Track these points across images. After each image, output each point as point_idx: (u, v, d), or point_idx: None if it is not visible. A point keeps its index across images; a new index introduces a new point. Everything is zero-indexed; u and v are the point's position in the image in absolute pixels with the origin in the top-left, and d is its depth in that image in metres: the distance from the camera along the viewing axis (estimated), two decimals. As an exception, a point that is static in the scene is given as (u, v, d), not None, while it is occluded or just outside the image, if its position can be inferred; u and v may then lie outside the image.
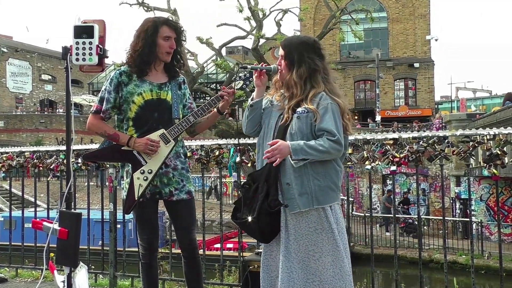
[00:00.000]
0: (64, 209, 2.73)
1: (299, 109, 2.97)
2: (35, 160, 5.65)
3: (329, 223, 2.94)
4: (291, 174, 2.95)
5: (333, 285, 2.92)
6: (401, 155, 4.24)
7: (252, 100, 3.18)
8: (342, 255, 2.94)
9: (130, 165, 3.40)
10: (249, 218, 2.96)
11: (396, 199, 20.14)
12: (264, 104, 3.22)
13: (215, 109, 3.55)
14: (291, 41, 3.14)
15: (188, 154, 4.52)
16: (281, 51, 3.13)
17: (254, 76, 3.18)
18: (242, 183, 3.24)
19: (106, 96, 3.41)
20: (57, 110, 43.56)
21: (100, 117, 3.43)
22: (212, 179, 25.26)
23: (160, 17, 3.49)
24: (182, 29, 3.48)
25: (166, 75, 3.52)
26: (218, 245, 15.95)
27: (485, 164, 4.13)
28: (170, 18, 3.53)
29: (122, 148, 3.39)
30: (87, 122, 3.48)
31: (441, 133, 4.39)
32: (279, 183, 2.99)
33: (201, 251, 3.80)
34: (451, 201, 22.27)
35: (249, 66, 3.27)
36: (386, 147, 4.35)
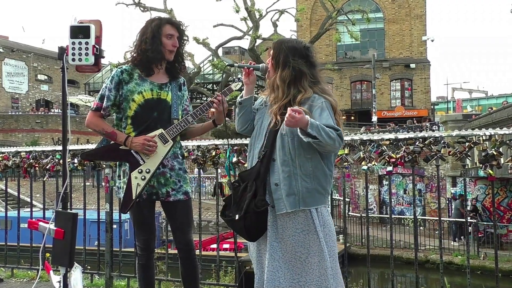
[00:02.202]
0: (60, 209, 2.72)
1: None
2: (31, 160, 5.64)
3: (314, 225, 2.95)
4: (280, 174, 2.96)
5: (318, 286, 2.92)
6: (397, 156, 4.25)
7: (241, 97, 3.20)
8: (326, 257, 2.95)
9: (127, 164, 3.40)
10: (236, 216, 2.99)
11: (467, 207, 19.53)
12: (258, 105, 3.23)
13: (211, 120, 3.57)
14: (282, 43, 3.13)
15: (185, 154, 4.51)
16: (271, 52, 3.13)
17: (242, 74, 3.19)
18: (233, 181, 3.24)
19: (106, 94, 3.41)
20: (53, 110, 43.44)
21: (99, 114, 3.43)
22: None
23: (162, 17, 3.51)
24: (184, 27, 3.50)
25: (167, 76, 3.53)
26: (214, 246, 15.95)
27: (481, 165, 4.14)
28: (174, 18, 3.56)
29: (120, 147, 3.38)
30: (86, 119, 3.48)
31: (437, 133, 4.39)
32: (267, 184, 3.00)
33: (197, 252, 3.80)
34: (447, 202, 22.32)
35: (236, 64, 3.26)
36: (383, 148, 4.36)
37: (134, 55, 3.42)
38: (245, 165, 4.75)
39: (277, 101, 3.02)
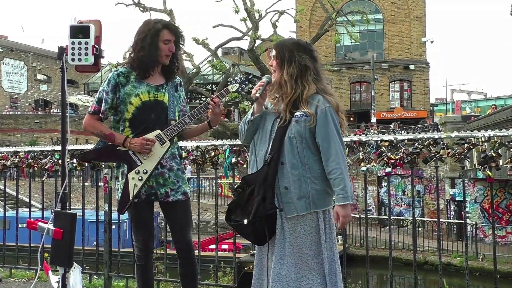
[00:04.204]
0: (59, 209, 2.72)
1: (297, 113, 2.97)
2: (30, 160, 5.63)
3: (318, 227, 2.98)
4: (289, 178, 2.95)
5: None
6: (397, 157, 4.25)
7: (252, 115, 3.14)
8: (325, 259, 2.97)
9: (125, 166, 3.40)
10: (245, 221, 2.96)
11: None
12: None
13: (206, 122, 3.56)
14: (283, 42, 3.19)
15: (184, 155, 4.51)
16: (273, 52, 3.14)
17: (257, 91, 3.10)
18: (235, 186, 3.22)
19: (104, 97, 3.41)
20: (52, 110, 43.41)
21: (97, 117, 3.43)
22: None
23: (161, 20, 3.50)
24: (181, 33, 3.50)
25: (163, 77, 3.53)
26: (213, 246, 15.94)
27: (480, 166, 4.14)
28: (171, 21, 3.55)
29: (118, 148, 3.39)
30: (83, 122, 3.48)
31: (436, 135, 4.39)
32: (275, 187, 2.99)
33: (196, 252, 3.79)
34: (446, 203, 22.32)
35: (257, 94, 3.10)
36: (382, 149, 4.36)
37: (132, 55, 3.43)
38: (244, 166, 4.77)
39: (285, 96, 3.02)
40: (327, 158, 2.93)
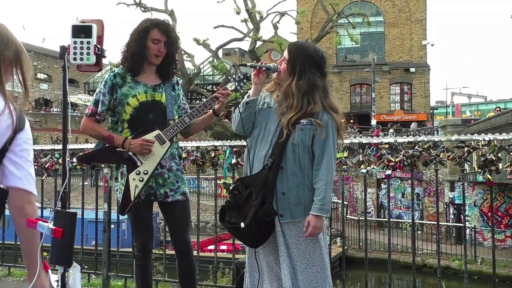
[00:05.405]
0: (60, 208, 2.72)
1: (303, 121, 2.94)
2: (30, 159, 5.63)
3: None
4: (288, 184, 2.94)
5: None
6: (397, 160, 4.25)
7: (248, 97, 3.11)
8: (326, 266, 2.97)
9: (125, 166, 3.40)
10: (242, 224, 2.93)
11: None
12: (260, 104, 3.14)
13: (211, 111, 3.55)
14: (299, 49, 3.07)
15: (184, 155, 4.51)
16: (286, 54, 3.06)
17: (252, 74, 3.11)
18: (231, 187, 3.19)
19: (100, 99, 3.40)
20: (52, 109, 43.40)
21: (94, 119, 3.43)
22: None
23: (153, 20, 3.49)
24: (174, 33, 3.46)
25: (160, 77, 3.52)
26: (212, 247, 15.93)
27: (480, 170, 4.14)
28: (166, 21, 3.53)
29: (117, 149, 3.38)
30: (81, 125, 3.46)
31: (436, 138, 4.40)
32: (274, 191, 2.97)
33: (195, 253, 3.79)
34: (445, 206, 22.33)
35: (248, 64, 3.19)
36: (382, 151, 4.36)
37: (125, 55, 3.42)
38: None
39: (290, 110, 2.97)
40: (318, 168, 2.94)
